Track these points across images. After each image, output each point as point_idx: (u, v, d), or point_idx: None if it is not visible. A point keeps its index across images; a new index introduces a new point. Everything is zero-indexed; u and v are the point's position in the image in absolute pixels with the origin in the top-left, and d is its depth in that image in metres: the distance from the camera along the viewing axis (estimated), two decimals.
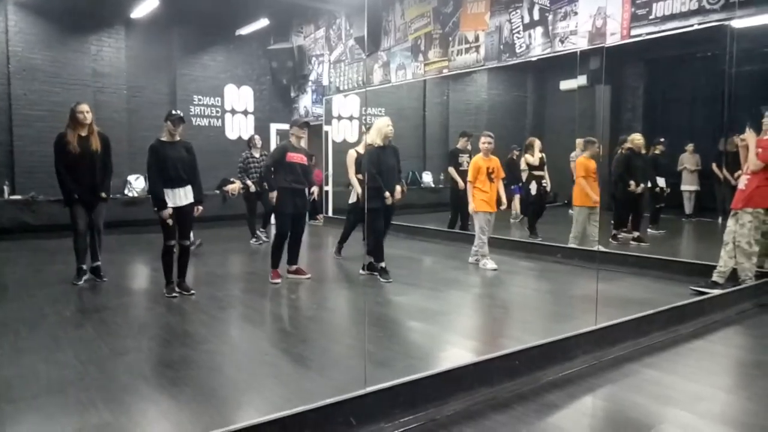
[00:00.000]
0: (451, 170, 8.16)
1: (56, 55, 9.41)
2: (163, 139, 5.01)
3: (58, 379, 3.17)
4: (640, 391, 3.07)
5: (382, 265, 5.83)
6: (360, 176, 6.64)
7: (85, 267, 5.61)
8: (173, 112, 5.12)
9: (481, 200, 6.46)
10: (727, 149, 7.67)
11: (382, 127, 5.84)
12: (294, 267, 5.94)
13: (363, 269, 6.14)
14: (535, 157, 8.29)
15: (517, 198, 9.92)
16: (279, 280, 5.67)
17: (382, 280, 5.72)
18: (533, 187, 8.25)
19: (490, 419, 2.71)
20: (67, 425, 2.64)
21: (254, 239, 8.31)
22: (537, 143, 8.38)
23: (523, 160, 8.53)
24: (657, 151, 8.63)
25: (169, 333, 4.16)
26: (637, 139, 7.88)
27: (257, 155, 8.24)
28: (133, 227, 8.93)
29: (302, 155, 5.77)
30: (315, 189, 6.24)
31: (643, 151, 7.98)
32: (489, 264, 6.40)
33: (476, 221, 6.59)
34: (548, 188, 8.46)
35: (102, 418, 2.70)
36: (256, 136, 8.48)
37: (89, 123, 5.40)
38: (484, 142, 6.53)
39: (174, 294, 5.03)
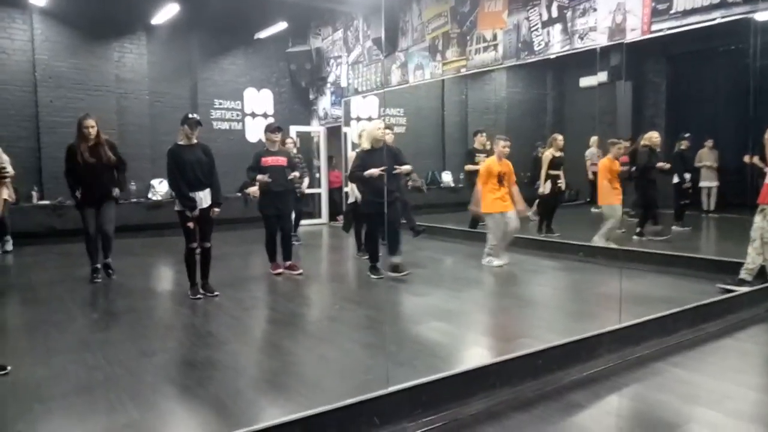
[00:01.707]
0: (469, 168, 8.14)
1: (80, 62, 9.59)
2: (180, 142, 5.08)
3: (86, 380, 3.23)
4: (666, 390, 3.03)
5: (395, 260, 5.78)
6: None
7: (98, 266, 5.90)
8: (190, 115, 5.19)
9: (493, 200, 6.34)
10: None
11: (371, 130, 5.87)
12: (288, 263, 6.19)
13: (358, 252, 6.76)
14: (558, 153, 8.21)
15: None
16: (280, 270, 6.09)
17: (391, 274, 5.71)
18: (548, 186, 8.17)
19: (513, 419, 2.70)
20: (96, 424, 2.69)
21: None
22: (560, 139, 8.30)
23: (546, 154, 8.35)
24: (683, 147, 8.48)
25: (193, 334, 4.22)
26: (654, 137, 7.81)
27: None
28: (156, 230, 9.05)
29: (279, 158, 6.03)
30: (305, 183, 6.42)
31: (658, 149, 7.90)
32: (494, 261, 6.34)
33: (489, 222, 6.48)
34: (563, 187, 8.36)
35: (130, 417, 2.75)
36: (289, 138, 8.40)
37: (93, 137, 5.66)
38: (504, 146, 6.39)
39: (198, 296, 5.10)
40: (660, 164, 7.79)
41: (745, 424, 2.66)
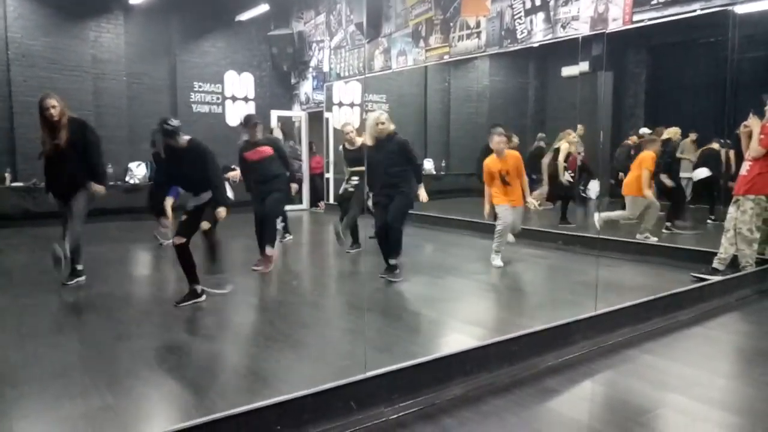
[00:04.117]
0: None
1: (55, 41, 9.36)
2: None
3: (61, 363, 3.19)
4: (638, 376, 3.09)
5: (392, 261, 5.33)
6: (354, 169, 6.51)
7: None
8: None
9: (497, 194, 5.83)
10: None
11: (368, 126, 5.34)
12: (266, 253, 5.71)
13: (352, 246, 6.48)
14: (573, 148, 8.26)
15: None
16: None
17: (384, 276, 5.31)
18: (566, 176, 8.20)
19: (489, 404, 2.73)
20: (71, 408, 2.66)
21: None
22: (574, 134, 8.33)
23: (564, 146, 8.29)
24: (716, 146, 8.52)
25: (171, 319, 4.18)
26: (676, 132, 7.90)
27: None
28: (133, 214, 8.92)
29: (263, 148, 5.57)
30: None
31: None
32: (495, 260, 5.88)
33: (498, 214, 5.96)
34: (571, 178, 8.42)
35: (104, 401, 2.72)
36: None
37: (57, 118, 4.77)
38: (499, 141, 5.76)
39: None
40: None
41: (712, 409, 2.73)
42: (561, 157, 8.17)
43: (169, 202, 5.22)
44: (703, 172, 8.14)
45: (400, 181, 5.22)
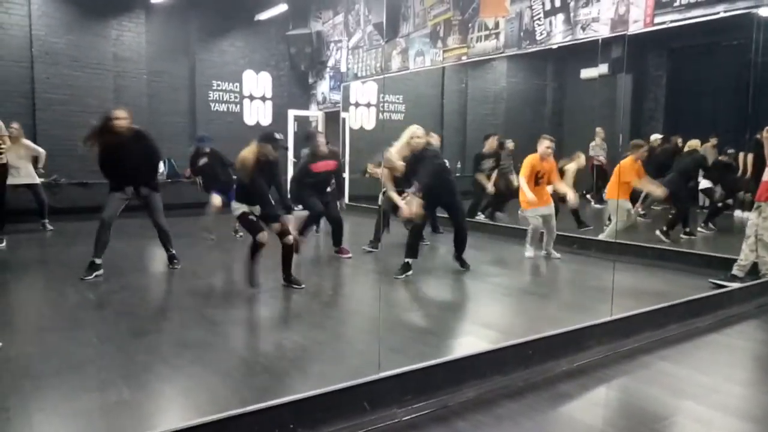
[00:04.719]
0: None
1: (78, 39, 9.49)
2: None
3: (78, 357, 3.24)
4: (653, 382, 3.06)
5: (407, 260, 5.48)
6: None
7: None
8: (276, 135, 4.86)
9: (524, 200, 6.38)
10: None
11: (406, 139, 5.55)
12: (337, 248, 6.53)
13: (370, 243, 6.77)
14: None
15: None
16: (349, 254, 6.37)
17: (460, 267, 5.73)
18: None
19: (503, 407, 2.72)
20: (87, 402, 2.70)
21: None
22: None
23: (571, 171, 8.27)
24: (724, 159, 8.42)
25: (187, 315, 4.22)
26: (697, 144, 7.86)
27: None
28: None
29: (329, 161, 6.29)
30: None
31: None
32: (526, 252, 6.49)
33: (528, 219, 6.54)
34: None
35: (120, 395, 2.76)
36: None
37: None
38: (548, 146, 6.31)
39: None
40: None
41: (730, 418, 2.69)
42: (569, 180, 8.11)
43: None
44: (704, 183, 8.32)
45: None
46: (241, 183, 4.79)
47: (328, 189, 6.55)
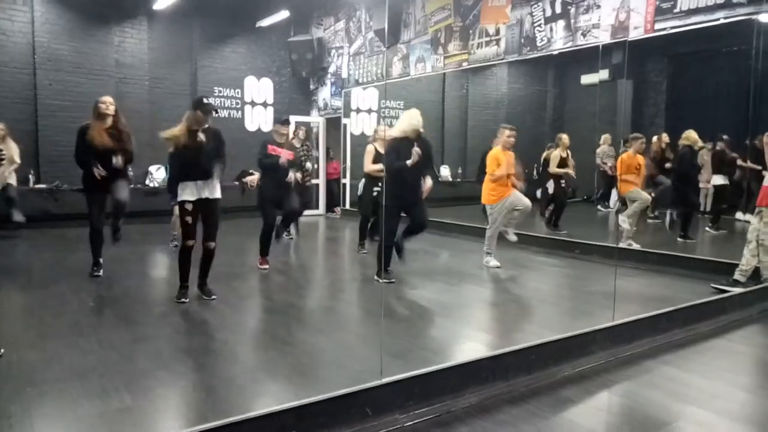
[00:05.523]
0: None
1: (80, 46, 9.53)
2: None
3: (80, 364, 3.24)
4: (656, 388, 3.05)
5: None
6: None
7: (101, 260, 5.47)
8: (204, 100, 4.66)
9: (493, 191, 6.10)
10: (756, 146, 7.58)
11: (411, 116, 5.59)
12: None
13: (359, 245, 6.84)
14: (564, 153, 8.23)
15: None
16: (267, 266, 5.86)
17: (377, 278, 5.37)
18: (550, 185, 8.18)
19: (505, 413, 2.71)
20: (89, 408, 2.70)
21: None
22: (565, 139, 8.30)
23: (555, 154, 8.28)
24: (718, 148, 8.41)
25: (188, 321, 4.23)
26: (693, 136, 7.65)
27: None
28: (153, 217, 9.03)
29: (285, 151, 5.82)
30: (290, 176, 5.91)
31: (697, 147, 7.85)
32: (491, 262, 6.08)
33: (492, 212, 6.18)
34: (568, 185, 8.37)
35: (122, 402, 2.75)
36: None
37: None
38: (510, 135, 6.01)
39: (183, 299, 4.55)
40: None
41: (733, 423, 2.68)
42: (552, 166, 8.14)
43: None
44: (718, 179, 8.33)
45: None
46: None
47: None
